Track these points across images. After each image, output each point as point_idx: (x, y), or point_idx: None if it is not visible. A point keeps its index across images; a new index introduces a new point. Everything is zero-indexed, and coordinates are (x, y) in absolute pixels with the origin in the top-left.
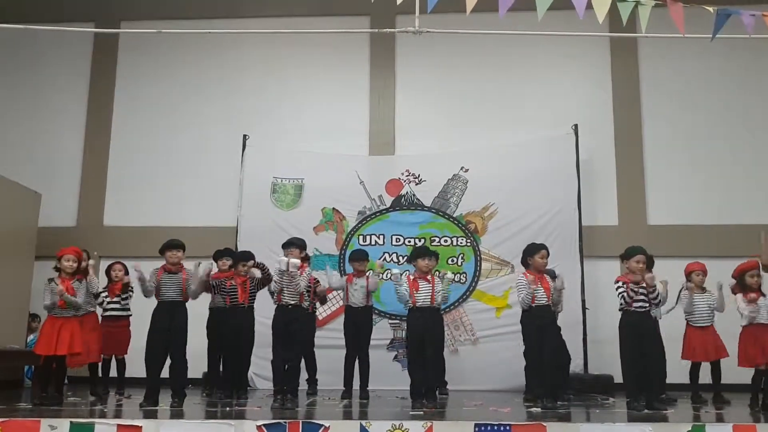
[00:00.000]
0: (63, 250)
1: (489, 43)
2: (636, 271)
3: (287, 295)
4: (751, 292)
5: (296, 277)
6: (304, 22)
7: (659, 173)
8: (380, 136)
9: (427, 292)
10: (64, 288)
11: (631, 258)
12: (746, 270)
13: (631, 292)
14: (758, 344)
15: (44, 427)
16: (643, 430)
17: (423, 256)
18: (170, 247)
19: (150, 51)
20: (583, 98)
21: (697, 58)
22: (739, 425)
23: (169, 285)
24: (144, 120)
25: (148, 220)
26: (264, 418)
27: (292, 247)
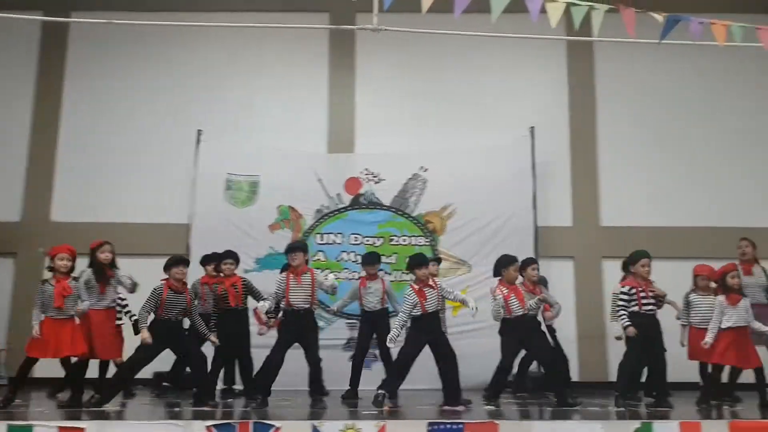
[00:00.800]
0: (56, 249)
1: (448, 43)
2: (643, 275)
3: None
4: (732, 294)
5: None
6: (263, 17)
7: (612, 175)
8: (339, 134)
9: (434, 297)
10: (62, 288)
11: (637, 262)
12: (727, 272)
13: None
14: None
15: None
16: (593, 429)
17: (420, 266)
18: (177, 263)
19: (102, 42)
20: (539, 101)
21: (652, 63)
22: (686, 422)
23: (174, 305)
24: (95, 113)
25: (98, 216)
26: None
27: (297, 252)
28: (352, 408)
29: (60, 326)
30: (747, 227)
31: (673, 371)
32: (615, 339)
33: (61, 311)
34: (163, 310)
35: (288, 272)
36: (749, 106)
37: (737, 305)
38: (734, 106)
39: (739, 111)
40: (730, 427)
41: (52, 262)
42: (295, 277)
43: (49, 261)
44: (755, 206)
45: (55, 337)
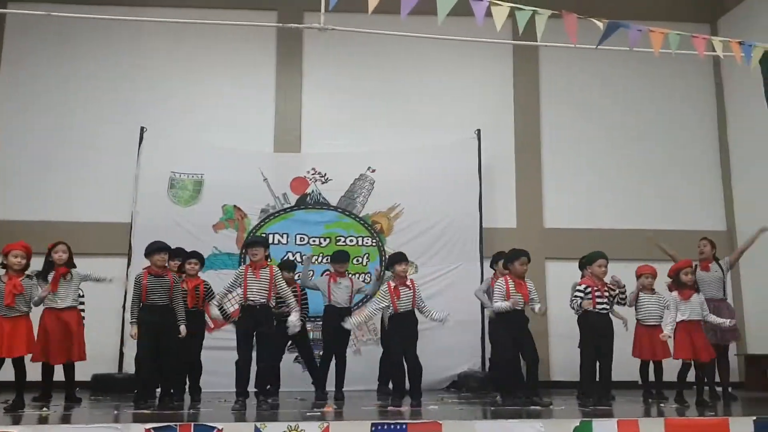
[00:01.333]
0: (10, 246)
1: (397, 44)
2: (599, 275)
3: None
4: (686, 290)
5: None
6: (209, 13)
7: (556, 178)
8: (286, 133)
9: (408, 297)
10: (12, 285)
11: (594, 262)
12: (681, 268)
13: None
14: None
15: None
16: (534, 427)
17: (400, 262)
18: (157, 251)
19: (40, 35)
20: (486, 103)
21: (596, 68)
22: (623, 420)
23: (157, 289)
24: (33, 109)
25: (37, 215)
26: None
27: (257, 246)
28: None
29: (12, 324)
30: (688, 230)
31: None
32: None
33: (12, 309)
34: (146, 296)
35: (246, 266)
36: (688, 112)
37: (690, 300)
38: (674, 111)
39: (679, 117)
40: (666, 424)
41: (5, 259)
42: (253, 272)
43: (2, 258)
44: (695, 209)
45: (8, 336)
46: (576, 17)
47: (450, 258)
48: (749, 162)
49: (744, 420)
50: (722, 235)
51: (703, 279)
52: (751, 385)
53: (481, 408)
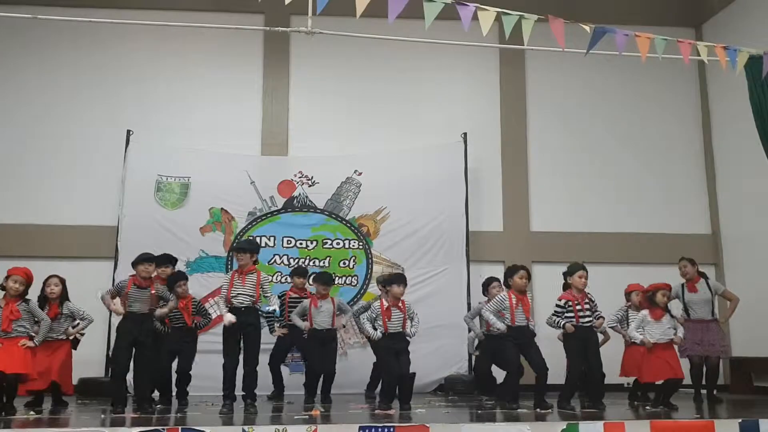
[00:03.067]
0: (11, 270)
1: (384, 48)
2: (579, 286)
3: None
4: (658, 310)
5: None
6: (196, 16)
7: (542, 182)
8: (273, 136)
9: (399, 319)
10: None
11: (574, 274)
12: (659, 289)
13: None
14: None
15: None
16: (521, 430)
17: (399, 284)
18: (143, 261)
19: (26, 38)
20: (472, 107)
21: (581, 73)
22: (610, 422)
23: (138, 300)
24: (20, 110)
25: (23, 218)
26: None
27: (243, 253)
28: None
29: (9, 343)
30: (673, 233)
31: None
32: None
33: (7, 333)
34: (127, 303)
35: (234, 271)
36: (673, 116)
37: (660, 320)
38: (659, 115)
39: (664, 121)
40: (651, 426)
41: (5, 282)
42: (239, 276)
43: (3, 280)
44: (679, 213)
45: (4, 353)
46: (563, 22)
47: (436, 261)
48: (733, 166)
49: (729, 423)
50: (707, 239)
51: (692, 300)
52: (736, 388)
53: (468, 411)
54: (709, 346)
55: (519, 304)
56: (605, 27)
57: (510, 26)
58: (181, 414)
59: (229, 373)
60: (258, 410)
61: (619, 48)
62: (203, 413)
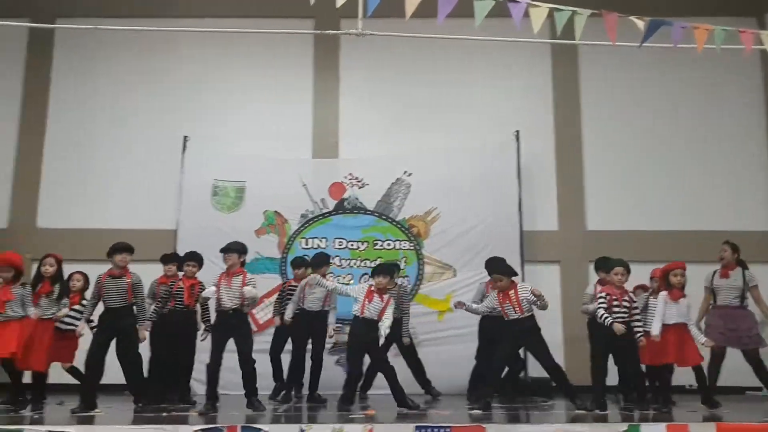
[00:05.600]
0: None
1: (432, 48)
2: (616, 283)
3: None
4: (675, 290)
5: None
6: (248, 23)
7: (598, 179)
8: (323, 139)
9: (377, 308)
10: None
11: (610, 270)
12: (671, 270)
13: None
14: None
15: None
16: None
17: (377, 274)
18: (119, 251)
19: (87, 49)
20: (524, 104)
21: (636, 66)
22: (673, 425)
23: (114, 292)
24: (81, 119)
25: (84, 222)
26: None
27: (231, 253)
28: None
29: (2, 327)
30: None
31: None
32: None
33: (2, 315)
34: (104, 296)
35: (221, 274)
36: (733, 109)
37: (678, 302)
38: (719, 109)
39: (723, 115)
40: (717, 429)
41: None
42: (226, 278)
43: None
44: (740, 210)
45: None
46: (617, 16)
47: None
48: None
49: None
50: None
51: (720, 286)
52: None
53: (525, 412)
54: (733, 334)
55: (506, 300)
56: (661, 19)
57: (562, 22)
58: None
59: (211, 374)
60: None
61: (675, 41)
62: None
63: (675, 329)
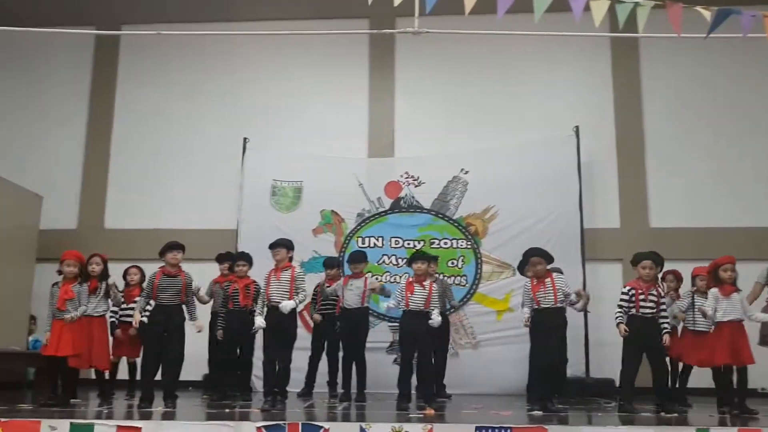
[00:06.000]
0: (64, 254)
1: (489, 44)
2: (644, 277)
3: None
4: (727, 287)
5: None
6: (304, 24)
7: (661, 175)
8: (379, 138)
9: (422, 297)
10: (64, 291)
11: (638, 264)
12: (720, 265)
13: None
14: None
15: (44, 428)
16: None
17: (416, 260)
18: (171, 248)
19: (150, 54)
20: (584, 100)
21: (700, 59)
22: (745, 429)
23: (168, 289)
24: (145, 122)
25: (149, 223)
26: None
27: (279, 248)
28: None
29: (63, 326)
30: None
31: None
32: None
33: (61, 313)
34: (156, 294)
35: (271, 270)
36: None
37: (730, 297)
38: None
39: None
40: None
41: (61, 266)
42: (275, 273)
43: (59, 266)
44: None
45: (59, 337)
46: (681, 7)
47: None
48: None
49: None
50: None
51: None
52: None
53: (587, 413)
54: None
55: (540, 286)
56: (729, 8)
57: (624, 15)
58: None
59: (270, 370)
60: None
61: (744, 30)
62: (320, 409)
63: (729, 327)
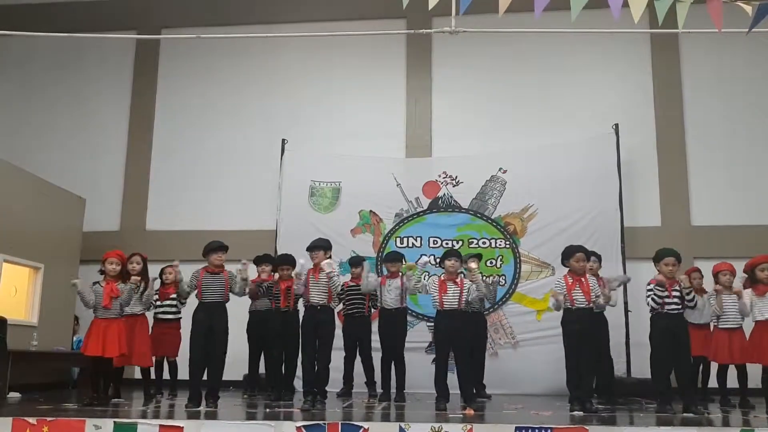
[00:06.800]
0: (107, 254)
1: (526, 43)
2: (666, 274)
3: (315, 296)
4: (761, 286)
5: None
6: (341, 26)
7: (703, 172)
8: (417, 138)
9: (455, 295)
10: (110, 289)
11: (660, 261)
12: (757, 264)
13: (655, 296)
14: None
15: (89, 427)
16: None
17: (449, 257)
18: (215, 250)
19: (190, 58)
20: (623, 97)
21: (741, 55)
22: None
23: (212, 286)
24: (185, 125)
25: (190, 224)
26: (303, 419)
27: (317, 250)
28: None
29: (107, 326)
30: None
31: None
32: None
33: (108, 311)
34: (202, 292)
35: (309, 270)
36: None
37: (765, 296)
38: None
39: None
40: None
41: (103, 265)
42: (313, 274)
43: (101, 265)
44: None
45: (104, 337)
46: (722, 2)
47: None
48: None
49: None
50: None
51: None
52: None
53: (628, 414)
54: None
55: (576, 284)
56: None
57: (664, 11)
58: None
59: (308, 370)
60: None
61: None
62: (359, 409)
63: (763, 326)
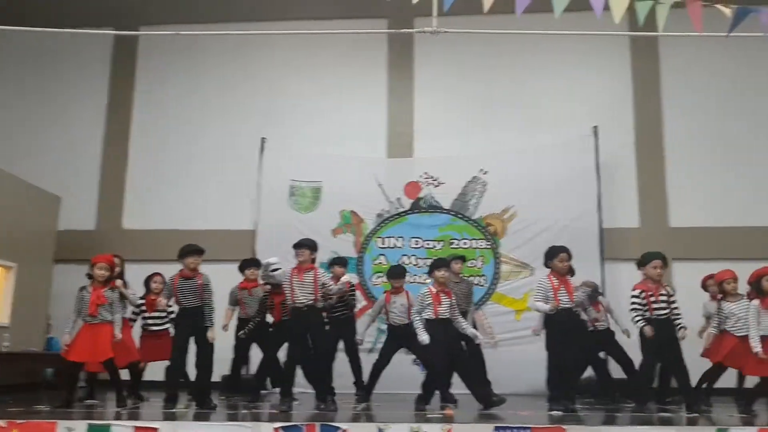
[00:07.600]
0: (96, 258)
1: (508, 44)
2: (654, 277)
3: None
4: (766, 299)
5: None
6: (322, 24)
7: (681, 174)
8: (398, 138)
9: (449, 305)
10: (96, 296)
11: (648, 264)
12: (763, 275)
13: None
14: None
15: (61, 429)
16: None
17: (439, 268)
18: (190, 253)
19: (168, 55)
20: (602, 99)
21: (719, 58)
22: (766, 429)
23: (187, 292)
24: (163, 123)
25: (167, 223)
26: (282, 420)
27: (303, 248)
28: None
29: (97, 331)
30: None
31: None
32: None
33: (94, 318)
34: (179, 298)
35: (293, 269)
36: None
37: None
38: None
39: None
40: None
41: (92, 270)
42: (297, 274)
43: (89, 269)
44: None
45: (92, 342)
46: (701, 5)
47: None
48: None
49: None
50: None
51: None
52: None
53: (605, 414)
54: None
55: (561, 286)
56: (749, 7)
57: (644, 12)
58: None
59: (290, 372)
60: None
61: (764, 29)
62: (339, 410)
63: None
